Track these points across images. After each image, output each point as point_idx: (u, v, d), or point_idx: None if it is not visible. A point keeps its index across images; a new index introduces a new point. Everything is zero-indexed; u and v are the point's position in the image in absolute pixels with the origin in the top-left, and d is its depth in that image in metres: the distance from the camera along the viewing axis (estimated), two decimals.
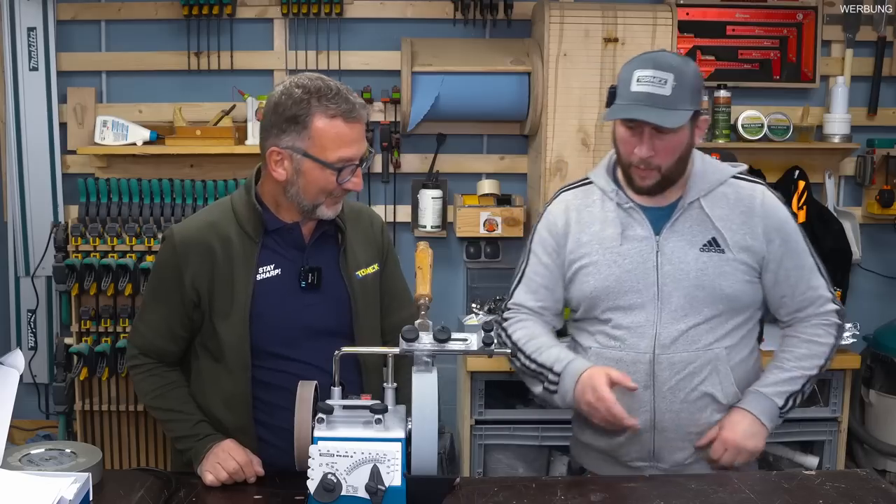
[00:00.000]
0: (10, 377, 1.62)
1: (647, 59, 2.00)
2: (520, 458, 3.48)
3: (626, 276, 2.05)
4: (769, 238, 2.05)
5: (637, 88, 1.95)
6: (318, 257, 2.01)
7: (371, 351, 1.96)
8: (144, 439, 3.57)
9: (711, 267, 2.02)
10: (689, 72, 1.99)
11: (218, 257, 1.96)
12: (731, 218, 2.05)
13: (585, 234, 2.10)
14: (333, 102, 1.87)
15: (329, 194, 1.92)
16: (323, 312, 2.00)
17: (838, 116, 3.73)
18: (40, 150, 3.71)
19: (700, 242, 2.04)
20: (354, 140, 1.90)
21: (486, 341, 1.63)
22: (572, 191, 2.18)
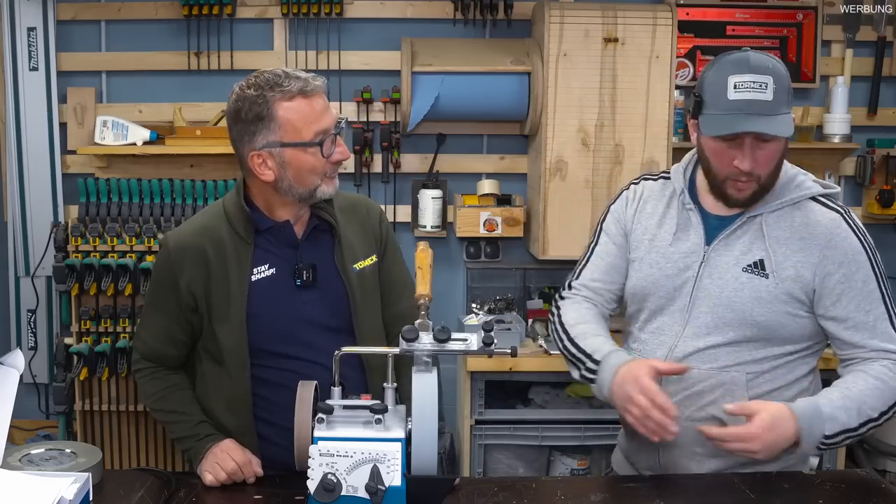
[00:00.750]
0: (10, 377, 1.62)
1: (739, 62, 1.84)
2: (520, 458, 3.49)
3: (665, 280, 1.96)
4: (827, 271, 1.87)
5: (736, 96, 1.81)
6: (312, 253, 2.00)
7: (370, 351, 1.96)
8: (144, 439, 3.57)
9: (748, 290, 1.89)
10: (783, 70, 1.88)
11: (212, 261, 1.96)
12: (788, 242, 1.89)
13: (642, 228, 2.04)
14: (286, 85, 1.87)
15: (322, 174, 1.92)
16: (321, 309, 1.99)
17: (838, 116, 3.73)
18: (40, 150, 3.71)
19: (746, 261, 1.90)
20: (321, 112, 1.89)
21: (485, 341, 1.63)
22: (650, 181, 2.09)
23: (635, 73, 3.40)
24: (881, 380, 1.83)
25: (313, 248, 2.01)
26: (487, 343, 1.63)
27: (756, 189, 1.88)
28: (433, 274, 1.82)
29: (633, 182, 2.13)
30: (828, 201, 1.94)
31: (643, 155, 3.44)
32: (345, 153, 1.93)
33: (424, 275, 1.75)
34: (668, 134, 3.44)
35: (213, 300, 1.96)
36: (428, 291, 1.73)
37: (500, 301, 3.74)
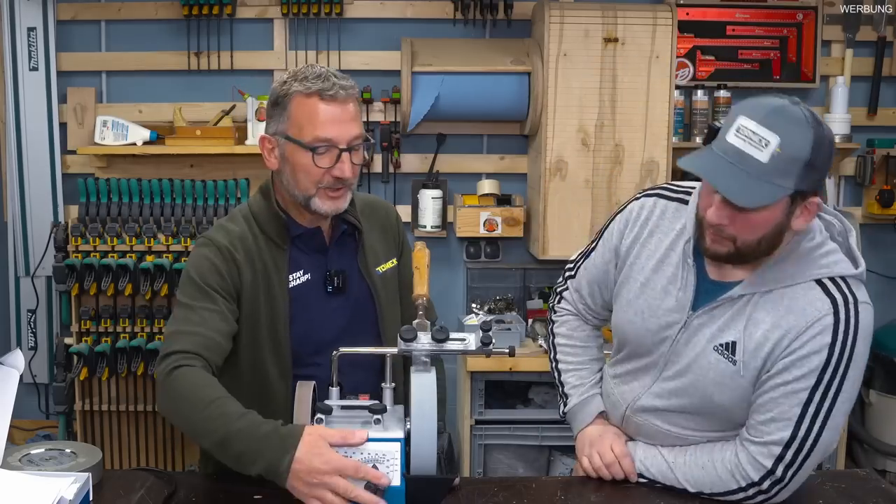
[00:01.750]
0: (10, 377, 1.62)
1: (760, 106, 1.58)
2: (520, 458, 3.49)
3: (645, 333, 1.82)
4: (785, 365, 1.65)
5: (732, 140, 1.57)
6: (340, 259, 1.96)
7: (370, 351, 1.96)
8: (144, 439, 3.58)
9: (714, 372, 1.72)
10: (807, 140, 1.54)
11: (256, 263, 1.89)
12: (766, 329, 1.67)
13: (639, 266, 1.83)
14: (311, 81, 1.80)
15: (316, 183, 1.82)
16: (350, 314, 1.96)
17: (838, 116, 3.73)
18: (40, 150, 3.71)
19: (720, 339, 1.71)
20: (332, 120, 1.80)
21: (484, 341, 1.63)
22: (664, 201, 1.84)
23: (635, 73, 3.40)
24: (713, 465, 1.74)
25: (341, 253, 1.96)
26: (486, 343, 1.63)
27: (732, 251, 1.65)
28: (432, 274, 1.82)
29: (647, 194, 1.88)
30: (831, 286, 1.66)
31: (643, 155, 3.44)
32: (344, 172, 1.81)
33: (422, 275, 1.75)
34: (668, 134, 3.44)
35: (257, 304, 1.88)
36: (426, 291, 1.73)
37: (500, 301, 3.74)
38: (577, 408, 1.97)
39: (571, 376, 2.00)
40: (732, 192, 1.56)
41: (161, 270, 3.36)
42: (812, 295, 1.65)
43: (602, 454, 1.85)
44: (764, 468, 1.67)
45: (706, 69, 3.80)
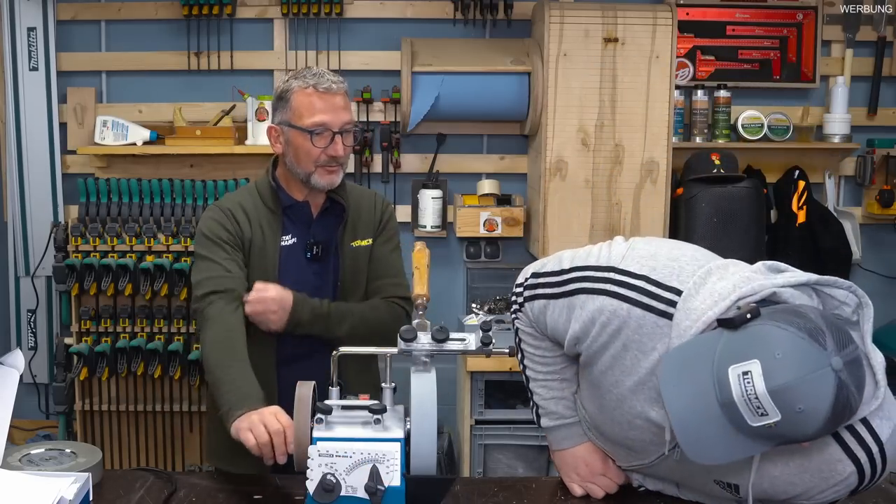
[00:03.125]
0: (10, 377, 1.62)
1: (787, 361, 1.31)
2: (520, 458, 3.48)
3: (625, 440, 1.68)
4: (802, 498, 1.55)
5: (731, 378, 1.33)
6: (322, 231, 2.26)
7: (369, 351, 1.96)
8: (144, 439, 3.58)
9: (715, 492, 1.64)
10: (811, 427, 1.32)
11: (254, 223, 2.22)
12: (777, 482, 1.53)
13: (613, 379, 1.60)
14: (308, 78, 2.17)
15: (315, 161, 2.16)
16: (323, 281, 2.26)
17: (838, 116, 3.73)
18: (40, 150, 3.71)
19: (720, 475, 1.59)
20: (326, 108, 2.15)
21: (484, 341, 1.63)
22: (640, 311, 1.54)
23: (635, 73, 3.40)
24: None
25: (323, 226, 2.26)
26: (486, 343, 1.63)
27: None
28: (433, 274, 1.83)
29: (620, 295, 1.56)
30: (851, 440, 1.46)
31: (643, 155, 3.44)
32: (337, 151, 2.16)
33: (422, 275, 1.75)
34: (668, 134, 3.43)
35: (253, 254, 2.21)
36: (425, 291, 1.73)
37: (500, 301, 3.74)
38: (554, 431, 1.84)
39: (540, 387, 1.82)
40: (690, 444, 1.38)
41: (161, 270, 3.36)
42: (829, 454, 1.47)
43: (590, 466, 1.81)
44: None
45: (706, 69, 3.80)
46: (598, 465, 1.82)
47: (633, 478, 1.82)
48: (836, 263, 3.67)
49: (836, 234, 3.72)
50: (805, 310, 1.39)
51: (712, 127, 3.75)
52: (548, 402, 1.83)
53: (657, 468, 1.71)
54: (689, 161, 3.61)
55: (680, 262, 1.56)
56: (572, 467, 1.83)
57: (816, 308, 1.43)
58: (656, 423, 1.57)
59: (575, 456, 1.83)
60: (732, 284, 1.48)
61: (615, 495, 1.81)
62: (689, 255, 1.59)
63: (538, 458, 3.51)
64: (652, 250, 1.60)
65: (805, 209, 3.69)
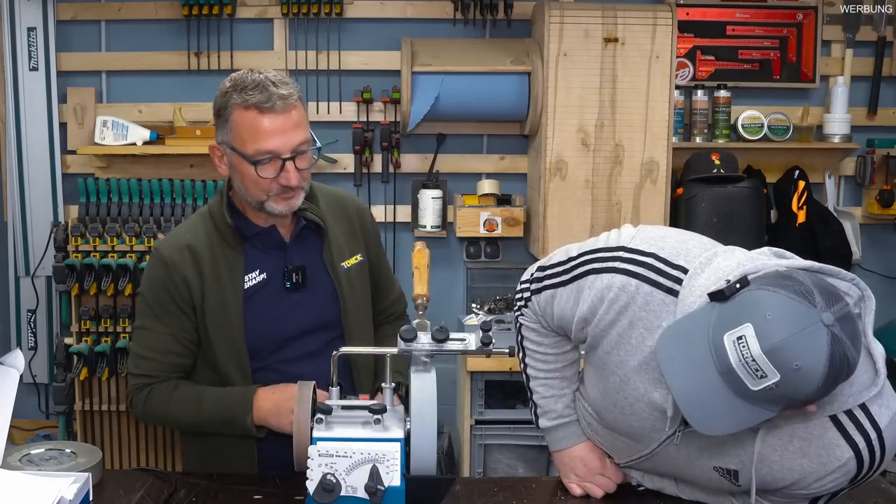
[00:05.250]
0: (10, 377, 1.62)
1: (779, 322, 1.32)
2: (520, 458, 3.48)
3: (627, 427, 1.68)
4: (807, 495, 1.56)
5: (728, 345, 1.34)
6: (301, 255, 1.98)
7: (369, 351, 1.96)
8: (144, 439, 3.57)
9: (714, 482, 1.64)
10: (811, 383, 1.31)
11: (206, 269, 1.93)
12: (775, 467, 1.53)
13: (618, 358, 1.61)
14: (248, 93, 1.80)
15: (266, 191, 1.85)
16: (311, 310, 1.98)
17: (838, 116, 3.73)
18: (40, 150, 3.71)
19: (720, 462, 1.58)
20: (273, 132, 1.80)
21: (484, 341, 1.63)
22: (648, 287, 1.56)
23: (635, 73, 3.40)
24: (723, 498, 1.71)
25: (301, 249, 1.98)
26: (486, 343, 1.63)
27: None
28: (432, 274, 1.82)
29: (629, 271, 1.58)
30: (850, 424, 1.47)
31: (643, 155, 3.44)
32: (289, 180, 1.83)
33: (422, 275, 1.75)
34: (668, 134, 3.44)
35: (208, 309, 1.93)
36: (425, 291, 1.73)
37: (500, 301, 3.74)
38: (552, 431, 1.85)
39: (541, 385, 1.84)
40: (695, 414, 1.38)
41: None
42: (828, 439, 1.48)
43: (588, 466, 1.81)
44: None
45: (706, 69, 3.80)
46: (596, 464, 1.82)
47: (631, 477, 1.82)
48: (836, 263, 3.53)
49: (836, 234, 3.72)
50: (792, 273, 1.41)
51: (712, 127, 3.75)
52: (547, 400, 1.83)
53: (657, 460, 1.70)
54: (689, 161, 3.61)
55: (688, 244, 1.60)
56: (570, 468, 1.84)
57: (803, 270, 1.44)
58: (658, 407, 1.57)
59: (573, 456, 1.83)
60: (737, 262, 1.51)
61: (615, 495, 1.81)
62: (696, 240, 1.62)
63: (538, 458, 3.51)
64: (661, 233, 1.64)
65: (805, 209, 3.69)
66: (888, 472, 3.58)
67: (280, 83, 1.83)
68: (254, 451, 1.96)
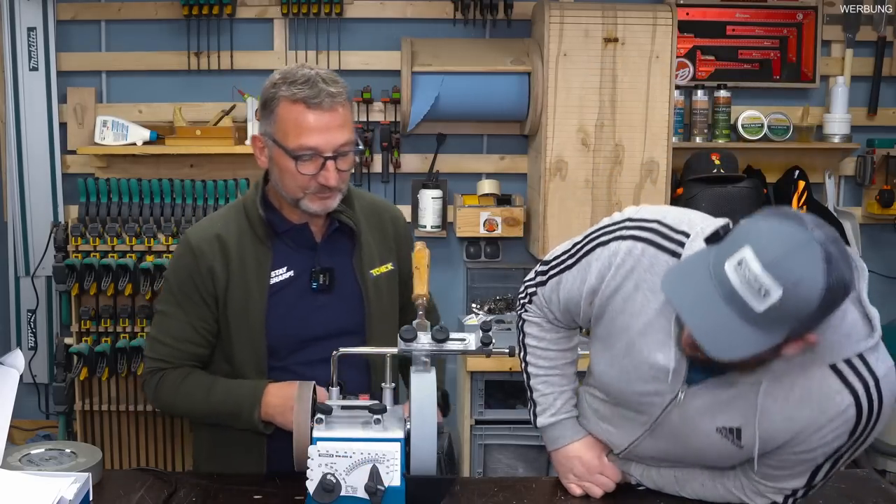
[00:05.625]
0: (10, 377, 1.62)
1: (774, 242, 1.35)
2: (520, 458, 3.49)
3: (631, 394, 1.69)
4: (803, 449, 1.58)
5: (730, 273, 1.36)
6: (330, 257, 1.95)
7: (369, 351, 1.96)
8: (144, 439, 3.58)
9: (716, 450, 1.64)
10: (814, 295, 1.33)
11: (233, 261, 1.91)
12: (776, 418, 1.55)
13: (623, 323, 1.64)
14: (297, 87, 1.79)
15: (303, 188, 1.84)
16: (336, 313, 1.95)
17: (838, 116, 3.73)
18: (40, 150, 3.71)
19: (722, 421, 1.60)
20: (318, 128, 1.79)
21: (484, 341, 1.63)
22: (653, 250, 1.62)
23: (635, 73, 3.40)
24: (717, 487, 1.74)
25: (331, 251, 1.96)
26: (486, 343, 1.63)
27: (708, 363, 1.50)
28: (432, 274, 1.82)
29: (635, 236, 1.64)
30: (849, 372, 1.51)
31: (643, 155, 3.44)
32: (328, 179, 1.82)
33: (422, 275, 1.75)
34: (668, 134, 3.44)
35: (231, 302, 1.91)
36: (426, 291, 1.73)
37: (500, 301, 3.74)
38: (549, 429, 1.86)
39: (541, 383, 1.85)
40: (709, 342, 1.39)
41: (161, 270, 3.35)
42: (829, 385, 1.51)
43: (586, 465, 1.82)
44: (773, 501, 1.70)
45: (706, 69, 3.80)
46: (594, 463, 1.82)
47: (630, 476, 1.83)
48: None
49: None
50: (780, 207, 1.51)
51: (712, 127, 3.75)
52: (547, 397, 1.84)
53: (660, 434, 1.70)
54: (689, 161, 3.61)
55: (689, 215, 1.67)
56: (569, 468, 1.84)
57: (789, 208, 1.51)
58: (663, 368, 1.60)
59: (570, 455, 1.83)
60: None
61: (614, 495, 1.81)
62: (698, 214, 1.69)
63: (538, 458, 3.51)
64: (663, 206, 1.73)
65: (805, 209, 3.69)
66: (888, 472, 3.58)
67: (330, 81, 1.82)
68: (263, 449, 1.95)
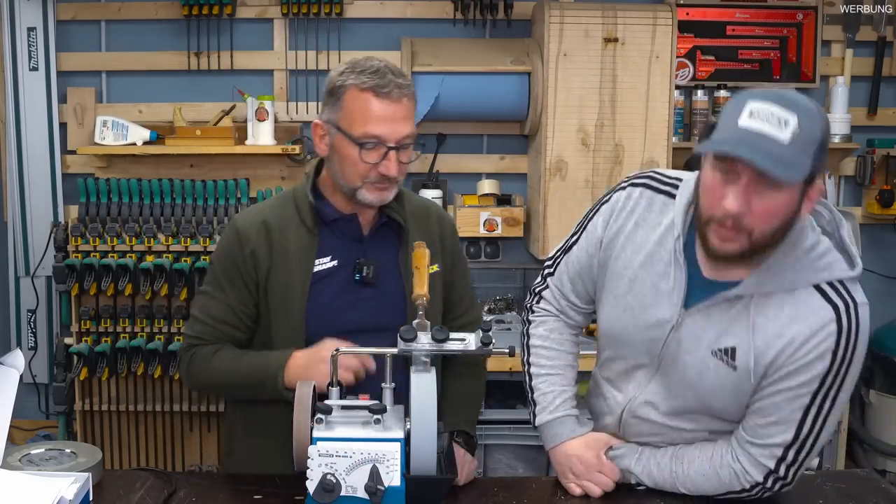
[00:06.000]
0: (10, 377, 1.62)
1: (767, 91, 1.54)
2: (520, 458, 3.48)
3: (635, 330, 1.76)
4: (789, 372, 1.64)
5: (747, 123, 1.50)
6: (376, 251, 1.95)
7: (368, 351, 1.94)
8: (144, 439, 3.58)
9: (712, 378, 1.69)
10: (818, 120, 1.53)
11: (277, 247, 1.92)
12: (767, 335, 1.64)
13: (625, 261, 1.77)
14: (367, 76, 1.82)
15: (363, 177, 1.85)
16: (377, 308, 1.94)
17: (838, 116, 3.73)
18: (40, 150, 3.71)
19: (718, 345, 1.67)
20: (384, 117, 1.82)
21: (484, 341, 1.63)
22: (650, 192, 1.78)
23: (635, 73, 3.40)
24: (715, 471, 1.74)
25: (378, 245, 1.96)
26: (486, 343, 1.63)
27: (745, 247, 1.56)
28: None
29: (634, 183, 1.81)
30: (831, 291, 1.62)
31: (643, 155, 3.44)
32: (389, 170, 1.83)
33: (422, 275, 1.75)
34: (668, 134, 3.44)
35: (273, 287, 1.92)
36: (425, 291, 1.73)
37: (500, 301, 3.74)
38: (548, 426, 1.87)
39: (542, 382, 1.89)
40: (770, 166, 1.46)
41: (161, 270, 3.36)
42: (814, 303, 1.62)
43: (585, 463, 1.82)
44: (766, 468, 1.69)
45: (706, 69, 3.80)
46: (592, 461, 1.82)
47: (631, 475, 1.83)
48: None
49: None
50: None
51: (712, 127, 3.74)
52: (546, 395, 1.87)
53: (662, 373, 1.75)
54: (689, 161, 3.61)
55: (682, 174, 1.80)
56: (567, 466, 1.84)
57: None
58: (666, 294, 1.71)
59: (568, 454, 1.84)
60: None
61: (614, 494, 1.81)
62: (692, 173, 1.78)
63: (538, 458, 3.51)
64: None
65: None
66: (888, 472, 3.59)
67: (398, 73, 1.85)
68: None
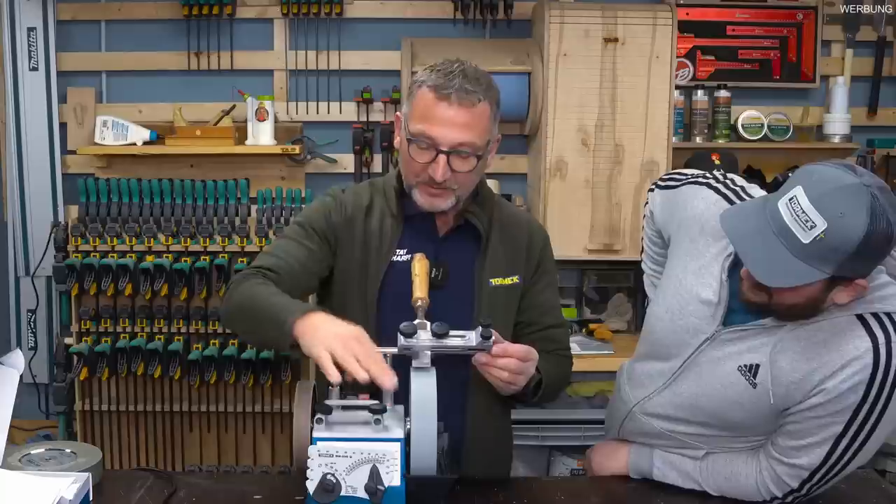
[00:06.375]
0: (10, 377, 1.62)
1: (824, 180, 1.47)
2: (520, 458, 3.48)
3: (671, 334, 1.79)
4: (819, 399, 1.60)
5: (781, 209, 1.49)
6: (452, 254, 1.92)
7: None
8: (144, 439, 3.57)
9: (732, 392, 1.69)
10: (857, 232, 1.43)
11: (369, 224, 1.92)
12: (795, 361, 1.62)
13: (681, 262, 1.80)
14: (437, 75, 1.80)
15: (415, 175, 1.83)
16: (443, 311, 1.81)
17: (838, 116, 3.73)
18: (40, 150, 3.71)
19: (744, 360, 1.68)
20: (440, 120, 1.77)
21: (484, 335, 1.63)
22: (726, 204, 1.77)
23: (635, 73, 3.40)
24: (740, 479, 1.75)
25: (454, 249, 1.93)
26: (486, 337, 1.63)
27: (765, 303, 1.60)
28: None
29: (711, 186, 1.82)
30: (873, 322, 1.57)
31: (643, 155, 3.44)
32: (435, 172, 1.78)
33: (422, 281, 1.76)
34: (668, 134, 3.43)
35: (351, 270, 1.91)
36: (425, 295, 1.73)
37: None
38: None
39: None
40: (759, 269, 1.50)
41: (161, 270, 3.36)
42: (851, 331, 1.57)
43: None
44: (790, 487, 1.70)
45: (706, 69, 3.80)
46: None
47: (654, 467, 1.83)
48: None
49: None
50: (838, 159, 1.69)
51: (712, 127, 3.75)
52: None
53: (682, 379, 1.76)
54: (688, 161, 3.61)
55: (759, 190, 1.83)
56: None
57: None
58: (707, 302, 1.72)
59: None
60: None
61: (617, 491, 1.81)
62: None
63: (538, 458, 3.51)
64: None
65: None
66: (888, 472, 3.58)
67: (472, 78, 1.80)
68: None
